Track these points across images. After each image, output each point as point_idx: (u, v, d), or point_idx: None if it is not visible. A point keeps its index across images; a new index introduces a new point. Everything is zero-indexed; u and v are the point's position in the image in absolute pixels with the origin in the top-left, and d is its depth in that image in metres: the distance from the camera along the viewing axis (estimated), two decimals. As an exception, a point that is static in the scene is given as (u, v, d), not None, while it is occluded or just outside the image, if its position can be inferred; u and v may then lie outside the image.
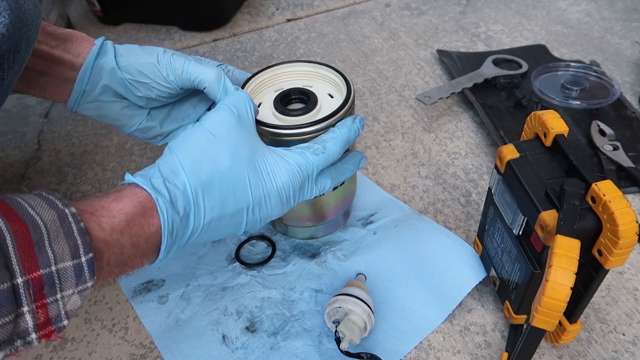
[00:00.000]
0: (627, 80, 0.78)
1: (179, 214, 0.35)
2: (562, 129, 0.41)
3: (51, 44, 0.44)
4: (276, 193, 0.40)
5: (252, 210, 0.39)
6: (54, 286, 0.26)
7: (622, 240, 0.34)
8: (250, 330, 0.49)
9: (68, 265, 0.27)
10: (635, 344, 0.47)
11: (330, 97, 0.49)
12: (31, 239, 0.26)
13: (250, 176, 0.38)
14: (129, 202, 0.33)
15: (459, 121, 0.73)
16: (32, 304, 0.25)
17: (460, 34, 0.92)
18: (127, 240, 0.32)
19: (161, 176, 0.35)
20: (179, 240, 0.36)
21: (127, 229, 0.32)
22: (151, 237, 0.34)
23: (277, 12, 1.02)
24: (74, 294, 0.27)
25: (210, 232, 0.38)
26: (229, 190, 0.37)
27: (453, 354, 0.47)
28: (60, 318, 0.27)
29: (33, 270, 0.25)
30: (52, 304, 0.26)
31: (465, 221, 0.59)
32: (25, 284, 0.25)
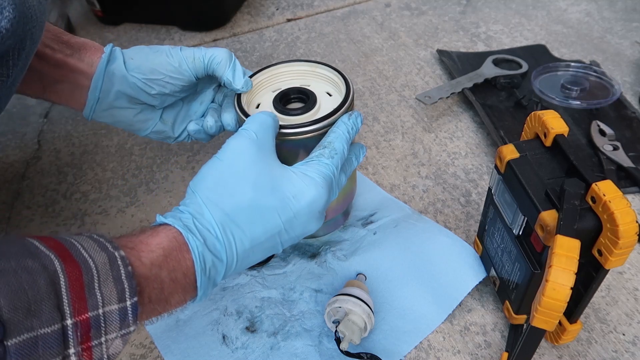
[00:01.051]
0: (627, 80, 0.78)
1: (210, 251, 0.35)
2: (562, 129, 0.41)
3: (66, 52, 0.45)
4: (306, 211, 0.39)
5: (285, 233, 0.39)
6: (99, 329, 0.27)
7: (622, 240, 0.34)
8: (250, 330, 0.49)
9: (114, 309, 0.27)
10: (635, 344, 0.47)
11: (329, 96, 0.49)
12: (83, 281, 0.26)
13: (275, 203, 0.38)
14: (165, 237, 0.34)
15: (459, 121, 0.73)
16: (78, 346, 0.25)
17: (460, 34, 0.92)
18: (166, 275, 0.33)
19: (190, 215, 0.36)
20: (214, 276, 0.36)
21: (165, 264, 0.33)
22: (188, 272, 0.34)
23: (277, 12, 1.02)
24: (117, 338, 0.28)
25: (247, 260, 0.38)
26: (256, 220, 0.37)
27: (453, 354, 0.47)
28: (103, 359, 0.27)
29: (82, 312, 0.26)
30: (96, 347, 0.27)
31: (465, 221, 0.59)
32: (74, 326, 0.25)
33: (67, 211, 0.63)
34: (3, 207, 0.64)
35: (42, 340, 0.23)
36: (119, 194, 0.65)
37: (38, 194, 0.66)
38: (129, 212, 0.63)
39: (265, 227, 0.37)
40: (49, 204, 0.64)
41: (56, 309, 0.25)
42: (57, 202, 0.65)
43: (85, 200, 0.65)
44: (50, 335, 0.24)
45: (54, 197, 0.65)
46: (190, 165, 0.68)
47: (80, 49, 0.46)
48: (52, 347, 0.24)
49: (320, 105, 0.47)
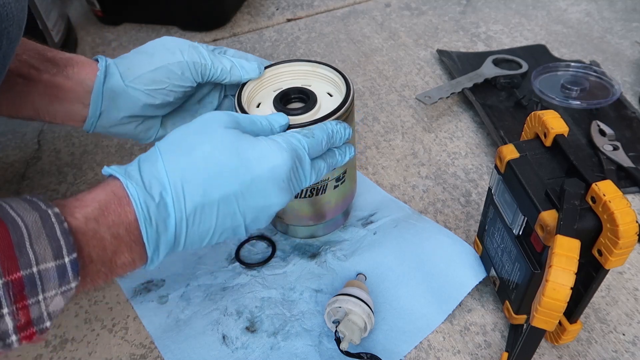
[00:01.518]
0: (627, 80, 0.78)
1: (154, 199, 0.33)
2: (562, 129, 0.41)
3: (52, 71, 0.44)
4: (268, 176, 0.36)
5: (243, 198, 0.36)
6: (35, 287, 0.26)
7: (622, 240, 0.34)
8: (250, 330, 0.49)
9: (50, 266, 0.27)
10: (635, 344, 0.47)
11: (330, 96, 0.49)
12: (11, 240, 0.25)
13: (234, 162, 0.35)
14: (101, 191, 0.32)
15: (459, 121, 0.73)
16: (12, 305, 0.25)
17: (460, 34, 0.92)
18: (106, 231, 0.31)
19: (137, 165, 0.34)
20: (163, 232, 0.33)
21: (102, 218, 0.31)
22: (131, 227, 0.32)
23: (277, 12, 1.02)
24: (56, 295, 0.27)
25: (201, 226, 0.35)
26: (211, 176, 0.35)
27: (453, 354, 0.47)
28: (43, 319, 0.27)
29: (13, 272, 0.25)
30: (33, 305, 0.26)
31: (465, 221, 0.59)
32: (4, 285, 0.24)
33: (67, 211, 0.63)
34: (3, 207, 0.64)
35: None
36: (119, 194, 0.65)
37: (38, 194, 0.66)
38: (129, 212, 0.63)
39: (220, 185, 0.35)
40: (49, 204, 0.64)
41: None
42: (57, 202, 0.65)
43: (85, 200, 0.65)
44: None
45: (54, 197, 0.65)
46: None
47: (67, 66, 0.44)
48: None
49: (320, 105, 0.47)
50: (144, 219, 0.32)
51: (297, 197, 0.50)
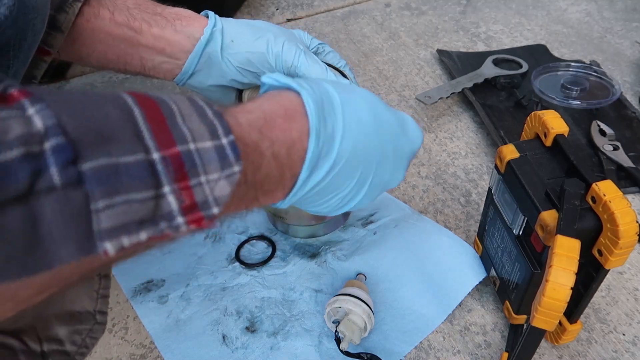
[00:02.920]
0: (627, 80, 0.78)
1: (326, 122, 0.29)
2: (562, 129, 0.41)
3: (161, 24, 0.45)
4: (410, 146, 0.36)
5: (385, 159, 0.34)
6: (195, 167, 0.22)
7: (622, 240, 0.34)
8: (250, 330, 0.49)
9: (208, 146, 0.23)
10: (635, 344, 0.47)
11: None
12: (161, 112, 0.22)
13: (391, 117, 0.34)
14: (267, 101, 0.29)
15: (459, 121, 0.73)
16: (173, 184, 0.21)
17: (460, 34, 0.92)
18: (267, 147, 0.27)
19: (305, 81, 0.31)
20: (322, 160, 0.30)
21: (266, 130, 0.27)
22: (294, 147, 0.28)
23: (277, 12, 1.02)
24: (220, 179, 0.23)
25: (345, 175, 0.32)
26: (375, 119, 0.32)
27: (453, 354, 0.47)
28: (209, 205, 0.22)
29: (169, 146, 0.21)
30: (196, 187, 0.22)
31: (465, 221, 0.59)
32: (162, 160, 0.21)
33: (67, 211, 0.63)
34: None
35: (124, 170, 0.19)
36: (119, 194, 0.65)
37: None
38: (129, 212, 0.63)
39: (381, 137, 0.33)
40: (49, 204, 0.64)
41: (135, 138, 0.20)
42: (57, 202, 0.64)
43: (85, 200, 0.64)
44: (134, 165, 0.19)
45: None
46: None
47: (175, 19, 0.45)
48: (138, 178, 0.19)
49: None
50: (316, 134, 0.28)
51: None
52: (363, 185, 0.34)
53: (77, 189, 0.17)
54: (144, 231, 0.20)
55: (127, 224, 0.19)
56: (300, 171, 0.29)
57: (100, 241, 0.18)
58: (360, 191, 0.34)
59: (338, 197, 0.34)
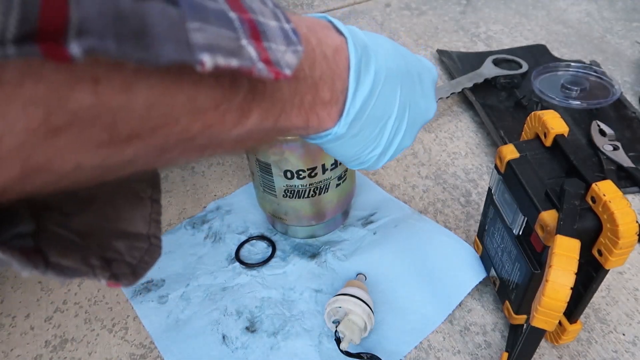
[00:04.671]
0: (627, 80, 0.78)
1: (357, 38, 0.31)
2: (562, 129, 0.41)
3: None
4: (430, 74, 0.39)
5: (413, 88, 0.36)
6: (266, 34, 0.22)
7: (622, 240, 0.34)
8: (250, 330, 0.49)
9: (273, 25, 0.23)
10: (635, 344, 0.47)
11: None
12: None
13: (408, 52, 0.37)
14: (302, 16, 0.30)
15: (459, 121, 0.73)
16: (250, 39, 0.21)
17: (460, 34, 0.92)
18: (316, 44, 0.28)
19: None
20: (364, 71, 0.31)
21: (312, 29, 0.28)
22: (338, 52, 0.29)
23: (277, 12, 1.02)
24: (287, 52, 0.23)
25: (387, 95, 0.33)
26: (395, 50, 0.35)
27: (453, 354, 0.47)
28: (281, 65, 0.22)
29: (242, 11, 0.21)
30: (270, 49, 0.22)
31: (465, 221, 0.59)
32: (239, 19, 0.21)
33: (67, 211, 0.63)
34: (3, 207, 0.64)
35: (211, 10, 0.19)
36: (119, 194, 0.65)
37: (38, 194, 0.66)
38: (129, 212, 0.63)
39: (406, 62, 0.35)
40: (49, 204, 0.64)
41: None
42: (57, 202, 0.64)
43: (85, 200, 0.64)
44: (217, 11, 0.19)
45: (54, 197, 0.65)
46: (190, 165, 0.68)
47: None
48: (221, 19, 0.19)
49: None
50: (353, 43, 0.30)
51: (300, 197, 0.50)
52: (405, 109, 0.35)
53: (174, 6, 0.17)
54: (236, 59, 0.20)
55: (220, 47, 0.19)
56: (349, 81, 0.30)
57: (199, 50, 0.18)
58: (404, 119, 0.36)
59: (387, 126, 0.35)
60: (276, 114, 0.26)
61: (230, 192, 0.64)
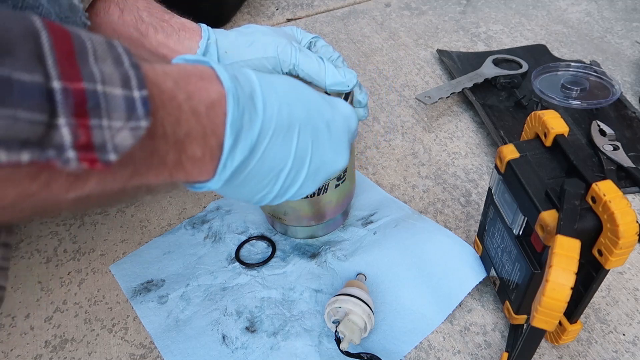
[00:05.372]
0: (627, 80, 0.78)
1: (243, 89, 0.29)
2: (562, 129, 0.41)
3: (167, 31, 0.45)
4: (343, 123, 0.36)
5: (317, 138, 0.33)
6: (98, 107, 0.21)
7: (622, 240, 0.34)
8: (250, 330, 0.49)
9: (117, 93, 0.21)
10: (635, 344, 0.47)
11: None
12: (72, 45, 0.20)
13: (316, 95, 0.35)
14: (181, 64, 0.28)
15: (459, 121, 0.73)
16: (71, 117, 0.20)
17: (460, 34, 0.92)
18: (184, 100, 0.26)
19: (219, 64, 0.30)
20: (247, 127, 0.29)
21: (182, 82, 0.26)
22: (214, 107, 0.27)
23: (277, 12, 1.02)
24: (123, 129, 0.22)
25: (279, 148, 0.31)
26: (297, 97, 0.32)
27: (453, 354, 0.47)
28: (106, 149, 0.21)
29: (74, 80, 0.20)
30: (96, 128, 0.21)
31: (465, 221, 0.59)
32: (63, 91, 0.19)
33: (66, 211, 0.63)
34: (3, 207, 0.64)
35: (17, 86, 0.18)
36: (119, 194, 0.65)
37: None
38: (129, 212, 0.63)
39: (308, 110, 0.33)
40: (49, 204, 0.64)
41: (36, 60, 0.19)
42: (57, 202, 0.65)
43: (85, 200, 0.64)
44: (29, 85, 0.18)
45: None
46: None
47: (180, 30, 0.46)
48: (31, 99, 0.18)
49: None
50: (233, 96, 0.28)
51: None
52: (303, 161, 0.33)
53: None
54: (27, 152, 0.19)
55: (9, 138, 0.18)
56: (225, 137, 0.28)
57: None
58: (302, 170, 0.33)
59: (279, 177, 0.33)
60: (125, 176, 0.24)
61: (230, 192, 0.64)
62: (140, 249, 0.58)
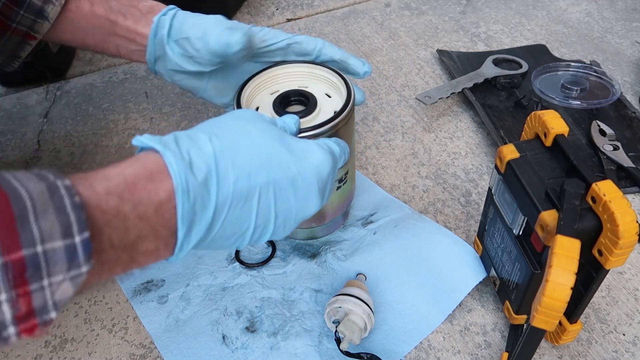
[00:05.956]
0: (627, 80, 0.78)
1: (196, 177, 0.29)
2: (562, 129, 0.41)
3: (135, 16, 0.47)
4: (312, 173, 0.35)
5: (282, 193, 0.33)
6: (39, 270, 0.22)
7: (622, 240, 0.34)
8: (250, 330, 0.49)
9: (58, 246, 0.23)
10: (635, 344, 0.47)
11: (328, 97, 0.49)
12: (12, 212, 0.21)
13: (281, 149, 0.33)
14: (129, 165, 0.29)
15: (459, 121, 0.73)
16: (11, 290, 0.21)
17: (460, 34, 0.92)
18: (131, 210, 0.27)
19: (174, 140, 0.31)
20: (200, 213, 0.30)
21: (127, 194, 0.27)
22: (162, 207, 0.28)
23: (277, 12, 1.02)
24: (64, 281, 0.23)
25: (238, 216, 0.32)
26: (258, 160, 0.32)
27: (453, 354, 0.47)
28: (47, 309, 0.22)
29: (14, 250, 0.21)
30: (36, 292, 0.22)
31: (465, 221, 0.59)
32: (3, 267, 0.21)
33: (67, 211, 0.63)
34: (3, 207, 0.64)
35: None
36: (119, 194, 0.65)
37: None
38: (129, 212, 0.63)
39: (267, 172, 0.32)
40: (49, 204, 0.64)
41: None
42: (57, 202, 0.64)
43: (85, 200, 0.64)
44: None
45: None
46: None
47: (148, 13, 0.47)
48: None
49: (320, 108, 0.47)
50: (182, 191, 0.28)
51: None
52: (268, 219, 0.34)
53: None
54: None
55: None
56: (177, 227, 0.29)
57: None
58: (268, 225, 0.34)
59: (245, 235, 0.33)
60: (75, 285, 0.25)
61: (230, 192, 0.64)
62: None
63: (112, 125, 0.76)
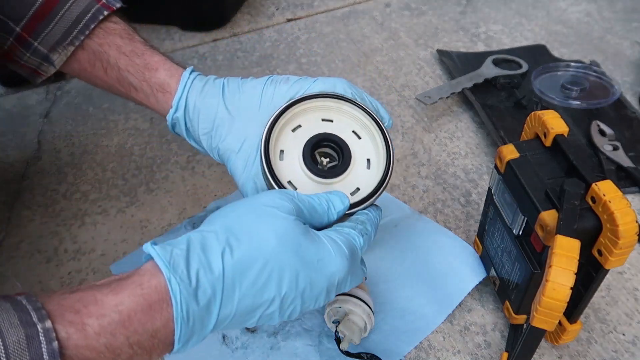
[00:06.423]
0: (627, 80, 0.78)
1: (198, 302, 0.30)
2: (562, 129, 0.41)
3: (146, 92, 0.47)
4: (323, 284, 0.34)
5: (289, 302, 0.33)
6: None
7: (622, 240, 0.34)
8: (250, 330, 0.49)
9: None
10: (635, 344, 0.47)
11: (357, 137, 0.44)
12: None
13: (295, 264, 0.32)
14: (129, 295, 0.29)
15: (459, 121, 0.73)
16: None
17: (460, 34, 0.92)
18: (123, 341, 0.28)
19: (186, 251, 0.30)
20: (198, 331, 0.31)
21: (121, 329, 0.28)
22: (158, 333, 0.29)
23: (277, 12, 1.02)
24: None
25: (241, 321, 0.33)
26: (269, 278, 0.32)
27: (453, 354, 0.47)
28: None
29: None
30: None
31: (465, 221, 0.59)
32: None
33: (67, 211, 0.63)
34: (3, 207, 0.64)
35: None
36: (119, 194, 0.65)
37: (38, 194, 0.66)
38: (129, 212, 0.63)
39: (276, 288, 0.32)
40: (49, 204, 0.64)
41: None
42: (57, 202, 0.65)
43: (85, 200, 0.65)
44: None
45: (54, 197, 0.65)
46: (190, 165, 0.68)
47: (157, 92, 0.47)
48: None
49: (354, 159, 0.42)
50: (182, 319, 0.29)
51: None
52: (271, 318, 0.34)
53: None
54: None
55: None
56: (173, 344, 0.30)
57: None
58: (272, 320, 0.34)
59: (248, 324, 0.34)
60: None
61: (230, 192, 0.64)
62: (140, 249, 0.57)
63: (113, 125, 0.76)
